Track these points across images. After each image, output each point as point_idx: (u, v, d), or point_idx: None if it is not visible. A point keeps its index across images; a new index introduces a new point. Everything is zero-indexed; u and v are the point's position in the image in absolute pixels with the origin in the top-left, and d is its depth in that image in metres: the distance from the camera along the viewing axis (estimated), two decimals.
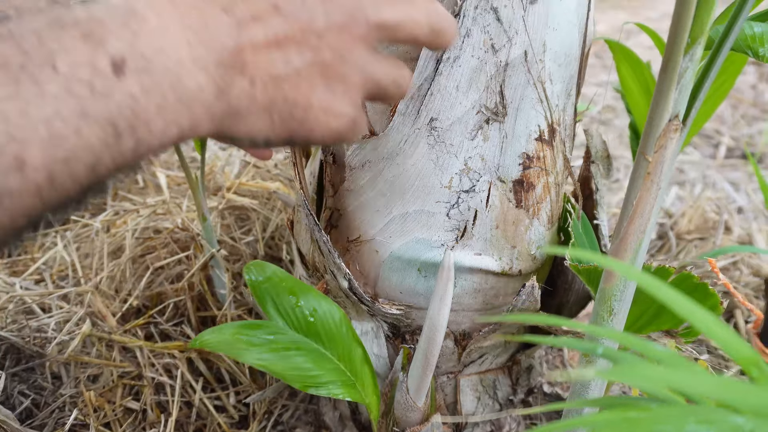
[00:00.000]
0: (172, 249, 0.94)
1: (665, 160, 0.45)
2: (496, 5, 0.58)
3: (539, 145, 0.64)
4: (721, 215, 1.14)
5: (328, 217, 0.73)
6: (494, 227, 0.66)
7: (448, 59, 0.59)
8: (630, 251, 0.49)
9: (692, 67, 0.43)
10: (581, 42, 0.65)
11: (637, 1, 4.47)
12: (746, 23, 0.59)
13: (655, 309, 0.67)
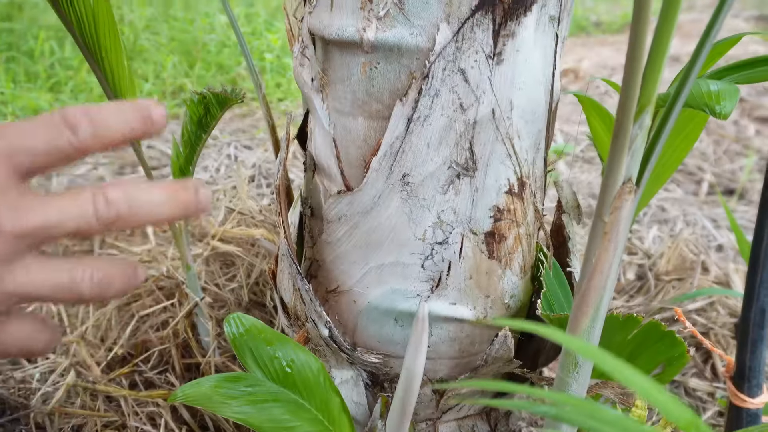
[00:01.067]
0: (157, 297, 0.96)
1: (621, 220, 0.47)
2: (463, 67, 0.60)
3: (509, 198, 0.67)
4: (698, 256, 1.16)
5: (308, 267, 0.75)
6: (468, 277, 0.68)
7: (418, 118, 0.62)
8: (591, 306, 0.50)
9: (642, 134, 0.45)
10: (548, 99, 0.67)
11: (621, 37, 4.56)
12: (704, 81, 0.62)
13: (627, 356, 0.68)
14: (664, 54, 0.41)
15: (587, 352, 0.41)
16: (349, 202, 0.66)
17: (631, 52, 0.41)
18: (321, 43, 0.66)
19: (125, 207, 0.40)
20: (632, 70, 0.42)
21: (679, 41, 4.12)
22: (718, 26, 0.45)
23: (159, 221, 0.42)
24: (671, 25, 0.41)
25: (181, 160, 0.89)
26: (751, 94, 2.91)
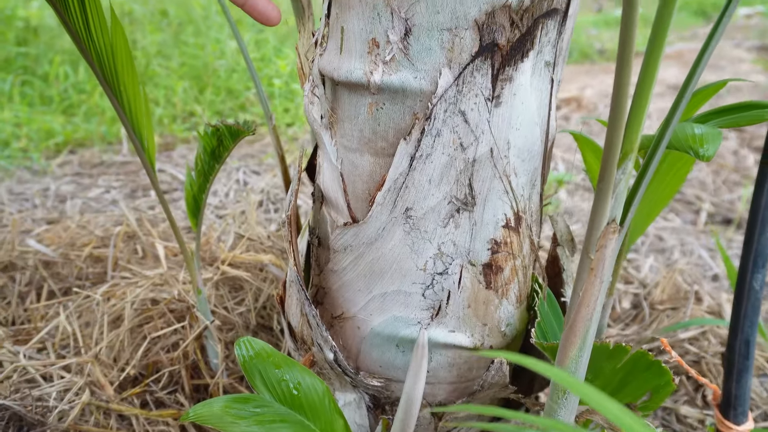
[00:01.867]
0: (168, 319, 0.99)
1: (606, 257, 0.51)
2: (463, 108, 0.64)
3: (506, 232, 0.70)
4: (692, 286, 1.19)
5: (314, 294, 0.79)
6: (466, 306, 0.71)
7: (421, 156, 0.66)
8: (579, 336, 0.54)
9: (625, 179, 0.49)
10: (543, 138, 0.71)
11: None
12: (688, 125, 0.66)
13: (617, 383, 0.72)
14: (643, 110, 0.45)
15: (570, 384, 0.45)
16: (355, 233, 0.70)
17: (613, 107, 0.45)
18: (330, 83, 0.71)
19: None
20: (615, 124, 0.46)
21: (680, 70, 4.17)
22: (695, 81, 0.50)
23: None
24: (649, 86, 0.45)
25: (194, 188, 0.93)
26: None
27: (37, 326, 1.03)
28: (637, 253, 1.52)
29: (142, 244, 1.23)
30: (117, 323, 1.01)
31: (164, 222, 1.36)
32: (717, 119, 0.68)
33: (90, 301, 1.07)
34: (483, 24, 0.62)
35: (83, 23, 0.80)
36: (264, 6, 0.69)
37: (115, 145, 2.10)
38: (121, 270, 1.17)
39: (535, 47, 0.65)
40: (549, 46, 0.67)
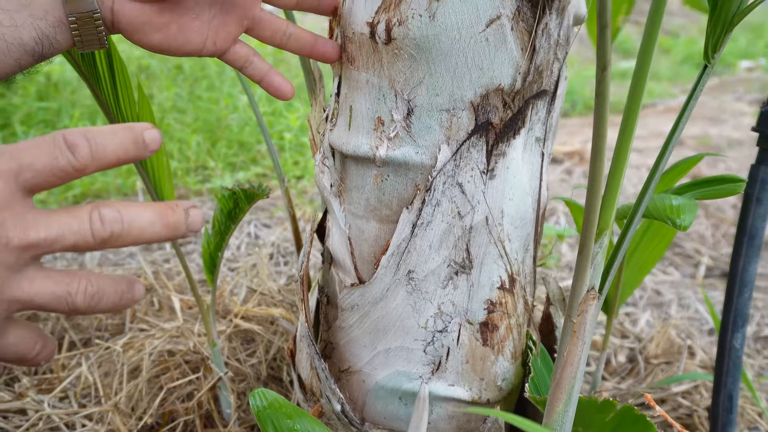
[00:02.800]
0: (183, 370, 1.05)
1: (587, 321, 0.56)
2: (461, 181, 0.71)
3: (501, 293, 0.76)
4: (685, 341, 1.24)
5: (323, 348, 0.84)
6: (465, 362, 0.77)
7: (422, 224, 0.72)
8: (564, 393, 0.59)
9: (602, 251, 0.55)
10: (535, 206, 0.77)
11: None
12: (667, 196, 0.72)
13: None
14: (615, 194, 0.52)
15: None
16: (362, 293, 0.76)
17: (589, 192, 0.51)
18: (339, 155, 0.77)
19: (119, 226, 0.45)
20: (591, 207, 0.52)
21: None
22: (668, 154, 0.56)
23: (150, 240, 0.46)
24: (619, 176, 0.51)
25: (211, 247, 1.00)
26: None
27: (60, 376, 1.08)
28: (635, 307, 1.56)
29: (159, 297, 1.29)
30: (135, 374, 1.06)
31: (179, 275, 1.42)
32: (694, 191, 0.74)
33: (110, 352, 1.12)
34: (478, 105, 0.69)
35: (114, 98, 0.87)
36: (279, 82, 0.76)
37: (130, 197, 2.17)
38: (139, 322, 1.23)
39: (526, 125, 0.72)
40: (539, 123, 0.73)
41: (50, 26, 0.61)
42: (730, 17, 0.49)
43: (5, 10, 0.59)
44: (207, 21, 0.69)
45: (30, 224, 0.43)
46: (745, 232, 0.78)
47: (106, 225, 0.45)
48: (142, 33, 0.66)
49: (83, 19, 0.62)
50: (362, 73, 0.72)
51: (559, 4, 0.68)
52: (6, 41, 0.59)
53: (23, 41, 0.60)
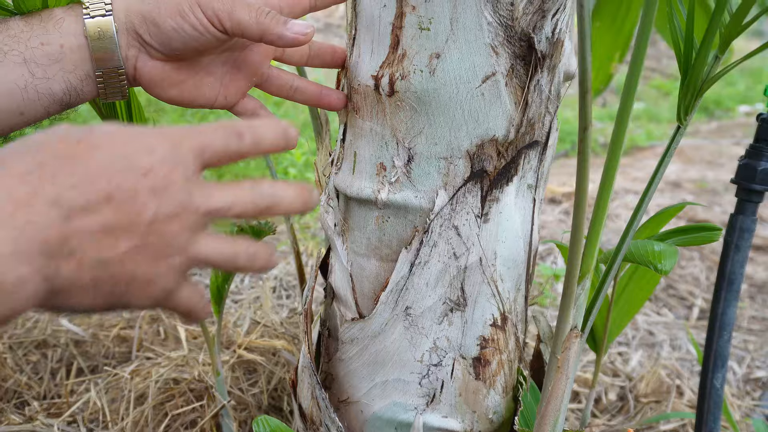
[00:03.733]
0: (188, 398, 1.09)
1: (570, 358, 0.61)
2: (456, 224, 0.76)
3: (493, 330, 0.81)
4: (673, 381, 1.28)
5: (323, 379, 0.88)
6: (458, 395, 0.81)
7: (419, 263, 0.77)
8: (549, 425, 0.64)
9: (584, 294, 0.60)
10: (527, 249, 0.82)
11: (627, 159, 4.77)
12: (650, 242, 0.77)
13: None
14: (596, 240, 0.57)
15: None
16: (361, 327, 0.81)
17: (571, 241, 0.56)
18: (343, 197, 0.82)
19: (273, 200, 0.52)
20: (574, 251, 0.57)
21: (680, 167, 4.32)
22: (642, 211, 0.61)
23: (290, 213, 0.55)
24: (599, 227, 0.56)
25: (219, 280, 1.04)
26: None
27: (68, 401, 1.12)
28: (628, 346, 1.60)
29: (165, 327, 1.34)
30: (141, 400, 1.10)
31: None
32: (675, 238, 0.79)
33: (118, 378, 1.16)
34: (474, 154, 0.74)
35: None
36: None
37: None
38: (145, 350, 1.27)
39: (519, 173, 0.77)
40: (531, 171, 0.79)
41: (78, 79, 0.67)
42: (699, 85, 0.54)
43: (39, 64, 0.65)
44: (219, 77, 0.75)
45: (212, 194, 0.49)
46: (724, 278, 0.82)
47: (266, 198, 0.52)
48: (160, 88, 0.72)
49: (109, 74, 0.68)
50: (366, 121, 0.77)
51: (550, 63, 0.74)
52: (38, 91, 0.65)
53: (53, 92, 0.66)
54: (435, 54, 0.71)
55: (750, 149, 0.81)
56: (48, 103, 0.66)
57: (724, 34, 0.54)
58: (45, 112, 0.67)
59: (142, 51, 0.69)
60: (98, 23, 0.66)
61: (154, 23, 0.67)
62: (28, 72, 0.65)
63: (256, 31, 0.67)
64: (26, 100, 0.65)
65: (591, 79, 0.51)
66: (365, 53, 0.76)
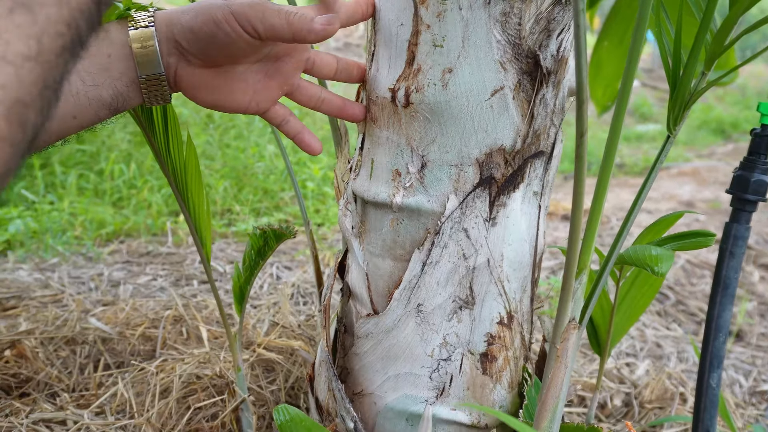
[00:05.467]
0: (210, 393, 1.14)
1: (569, 347, 0.66)
2: (466, 227, 0.81)
3: (500, 328, 0.86)
4: (677, 388, 1.32)
5: (339, 373, 0.94)
6: (466, 389, 0.86)
7: (431, 263, 0.82)
8: (549, 411, 0.68)
9: (581, 288, 0.65)
10: (532, 252, 0.87)
11: (641, 179, 4.80)
12: (647, 247, 0.82)
13: None
14: (592, 240, 0.62)
15: None
16: (376, 323, 0.86)
17: (570, 239, 0.62)
18: (361, 201, 0.88)
19: None
20: (572, 248, 0.62)
21: (695, 187, 4.35)
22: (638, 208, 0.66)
23: None
24: (595, 226, 0.61)
25: (241, 280, 1.10)
26: (759, 242, 3.08)
27: (97, 393, 1.18)
28: (636, 357, 1.64)
29: (188, 327, 1.40)
30: (165, 393, 1.16)
31: (206, 308, 1.53)
32: (672, 243, 0.84)
33: (144, 373, 1.22)
34: (482, 162, 0.80)
35: (165, 144, 0.99)
36: (309, 140, 0.88)
37: (159, 236, 2.29)
38: (169, 349, 1.33)
39: (525, 180, 0.82)
40: (537, 179, 0.84)
41: (125, 86, 0.74)
42: (687, 98, 0.60)
43: (89, 72, 0.72)
44: (252, 85, 0.81)
45: None
46: (719, 283, 0.87)
47: None
48: (198, 92, 0.79)
49: (152, 80, 0.75)
50: (383, 131, 0.83)
51: (555, 79, 0.80)
52: (89, 98, 0.72)
53: (102, 98, 0.73)
54: (448, 69, 0.77)
55: (744, 161, 0.86)
56: (98, 107, 0.73)
57: (709, 52, 0.59)
58: (96, 117, 0.74)
59: (181, 58, 0.76)
60: (142, 33, 0.73)
61: (192, 31, 0.74)
62: (80, 80, 0.71)
63: (288, 32, 0.73)
64: (78, 105, 0.71)
65: (587, 91, 0.57)
66: (383, 68, 0.83)
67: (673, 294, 2.24)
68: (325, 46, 7.38)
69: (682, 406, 1.28)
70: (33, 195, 2.45)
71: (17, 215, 2.20)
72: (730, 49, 1.32)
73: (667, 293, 2.24)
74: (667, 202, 3.79)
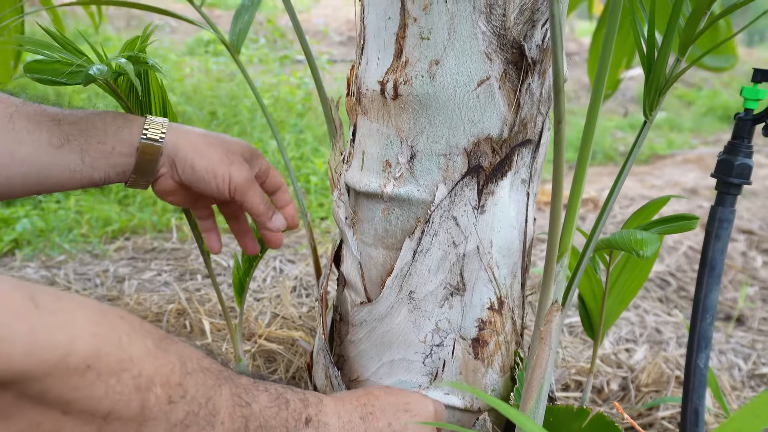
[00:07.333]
0: None
1: (552, 329, 0.68)
2: (455, 215, 0.83)
3: (491, 313, 0.88)
4: (673, 371, 1.33)
5: (336, 361, 0.96)
6: (458, 373, 0.88)
7: (422, 251, 0.84)
8: (535, 391, 0.70)
9: (562, 271, 0.67)
10: (522, 239, 0.89)
11: (647, 168, 4.80)
12: (633, 231, 0.83)
13: None
14: (572, 223, 0.64)
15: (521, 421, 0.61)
16: (369, 310, 0.88)
17: (551, 222, 0.63)
18: (353, 192, 0.90)
19: None
20: (553, 233, 0.64)
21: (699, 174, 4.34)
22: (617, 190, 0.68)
23: None
24: (575, 208, 0.63)
25: (240, 272, 1.13)
26: (763, 227, 3.08)
27: None
28: (635, 343, 1.66)
29: (191, 320, 1.42)
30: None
31: (209, 302, 1.55)
32: (657, 227, 0.85)
33: None
34: (470, 151, 0.82)
35: None
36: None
37: (165, 233, 2.32)
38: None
39: (513, 168, 0.84)
40: (524, 167, 0.86)
41: (115, 173, 0.86)
42: (662, 84, 0.61)
43: (91, 156, 0.83)
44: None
45: None
46: (706, 264, 0.89)
47: None
48: (167, 196, 0.94)
49: (139, 178, 0.88)
50: (373, 123, 0.85)
51: (540, 68, 0.82)
52: (82, 173, 0.83)
53: (93, 177, 0.84)
54: (435, 61, 0.79)
55: (728, 145, 0.87)
56: (84, 182, 0.84)
57: (682, 39, 0.61)
58: (78, 187, 0.84)
59: (169, 172, 0.89)
60: (151, 144, 0.85)
61: (192, 168, 0.88)
62: (80, 159, 0.81)
63: (255, 213, 0.95)
64: (71, 180, 0.82)
65: (564, 79, 0.59)
66: (372, 61, 0.84)
67: (675, 280, 2.25)
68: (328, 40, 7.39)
69: (677, 389, 1.29)
70: None
71: (24, 215, 2.23)
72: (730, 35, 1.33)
73: (669, 280, 2.25)
74: (671, 189, 3.79)
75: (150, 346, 0.52)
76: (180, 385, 0.53)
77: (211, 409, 0.56)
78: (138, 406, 0.50)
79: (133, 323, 0.53)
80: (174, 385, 0.53)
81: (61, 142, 0.81)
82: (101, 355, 0.48)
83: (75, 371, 0.47)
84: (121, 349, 0.50)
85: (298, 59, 5.15)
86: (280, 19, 5.87)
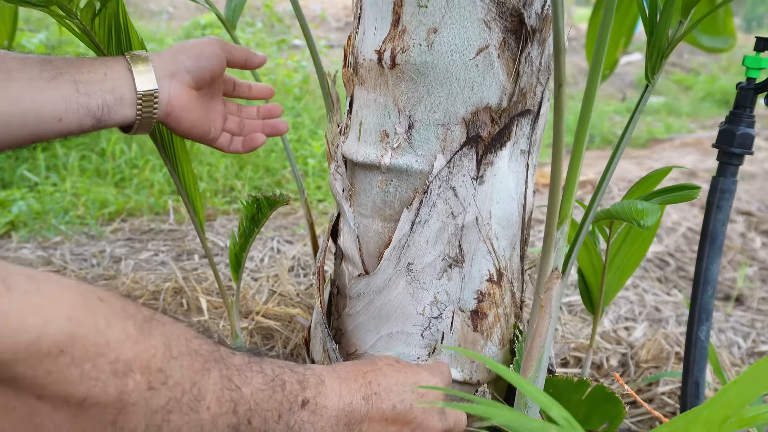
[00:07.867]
0: None
1: (552, 297, 0.67)
2: (454, 185, 0.82)
3: (490, 285, 0.87)
4: (672, 348, 1.33)
5: (333, 334, 0.95)
6: (457, 346, 0.87)
7: (420, 222, 0.83)
8: (535, 359, 0.70)
9: (563, 238, 0.66)
10: (521, 210, 0.88)
11: (645, 152, 4.79)
12: (634, 202, 0.82)
13: (585, 411, 0.86)
14: (572, 191, 0.63)
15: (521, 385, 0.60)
16: (367, 282, 0.87)
17: (551, 190, 0.62)
18: (350, 164, 0.89)
19: None
20: (553, 200, 0.63)
21: (698, 157, 4.34)
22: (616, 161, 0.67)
23: None
24: (575, 176, 0.62)
25: (237, 248, 1.12)
26: (761, 209, 3.08)
27: None
28: (635, 321, 1.66)
29: (188, 298, 1.42)
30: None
31: (206, 281, 1.54)
32: (658, 197, 0.84)
33: None
34: (469, 121, 0.80)
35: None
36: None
37: (162, 215, 2.31)
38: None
39: (512, 139, 0.83)
40: (524, 138, 0.85)
41: (113, 99, 0.82)
42: (664, 48, 0.60)
43: (84, 83, 0.80)
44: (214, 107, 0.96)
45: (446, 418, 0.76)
46: (707, 236, 0.88)
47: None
48: (185, 111, 0.89)
49: (147, 96, 0.84)
50: (371, 93, 0.84)
51: (540, 37, 0.80)
52: (78, 103, 0.80)
53: (90, 106, 0.80)
54: (432, 29, 0.78)
55: (729, 115, 0.86)
56: (83, 114, 0.80)
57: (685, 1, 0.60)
58: (80, 124, 0.80)
59: (174, 79, 0.87)
60: (138, 56, 0.85)
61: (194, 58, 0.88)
62: (75, 88, 0.79)
63: (244, 57, 0.95)
64: (67, 110, 0.79)
65: (564, 40, 0.57)
66: (369, 30, 0.83)
67: (674, 260, 2.24)
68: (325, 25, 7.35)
69: (677, 364, 1.29)
70: (35, 176, 2.46)
71: (20, 197, 2.22)
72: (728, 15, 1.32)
73: (668, 260, 2.25)
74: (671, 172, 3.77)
75: (131, 329, 0.50)
76: (161, 371, 0.51)
77: (196, 394, 0.54)
78: (115, 392, 0.49)
79: (113, 306, 0.51)
80: (155, 371, 0.51)
81: (53, 75, 0.79)
82: (76, 339, 0.46)
83: (48, 355, 0.45)
84: (98, 332, 0.48)
85: (295, 44, 5.13)
86: (277, 5, 5.84)
